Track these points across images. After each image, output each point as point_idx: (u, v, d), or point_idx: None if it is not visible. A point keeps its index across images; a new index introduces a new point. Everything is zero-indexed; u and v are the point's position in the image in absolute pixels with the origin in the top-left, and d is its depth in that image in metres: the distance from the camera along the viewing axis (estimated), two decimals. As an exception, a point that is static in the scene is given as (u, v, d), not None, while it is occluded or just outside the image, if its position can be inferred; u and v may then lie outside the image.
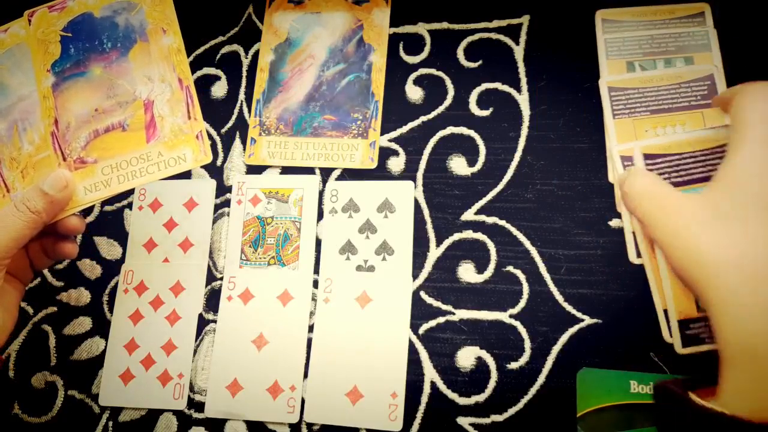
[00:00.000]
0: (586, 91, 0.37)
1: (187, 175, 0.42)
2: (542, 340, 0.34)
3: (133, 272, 0.40)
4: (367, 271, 0.38)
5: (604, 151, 0.36)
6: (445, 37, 0.41)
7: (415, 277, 0.37)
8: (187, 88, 0.34)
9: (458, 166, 0.38)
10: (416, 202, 0.38)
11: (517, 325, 0.35)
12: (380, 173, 0.39)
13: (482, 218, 0.37)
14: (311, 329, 0.37)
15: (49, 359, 0.40)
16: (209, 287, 0.40)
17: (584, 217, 0.36)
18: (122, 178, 0.33)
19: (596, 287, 0.35)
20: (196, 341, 0.38)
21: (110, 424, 0.38)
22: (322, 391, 0.36)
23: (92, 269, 0.41)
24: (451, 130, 0.39)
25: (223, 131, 0.43)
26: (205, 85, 0.44)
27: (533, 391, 0.34)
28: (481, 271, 0.36)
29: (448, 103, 0.40)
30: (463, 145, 0.39)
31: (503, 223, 0.37)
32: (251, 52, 0.44)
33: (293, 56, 0.43)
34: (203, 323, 0.39)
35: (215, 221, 0.41)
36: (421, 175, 0.39)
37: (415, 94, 0.40)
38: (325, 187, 0.40)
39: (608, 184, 0.36)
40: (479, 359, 0.35)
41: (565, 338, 0.34)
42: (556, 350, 0.34)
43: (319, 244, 0.39)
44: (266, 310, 0.38)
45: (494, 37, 0.40)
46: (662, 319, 0.31)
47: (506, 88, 0.39)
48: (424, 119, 0.40)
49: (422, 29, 0.41)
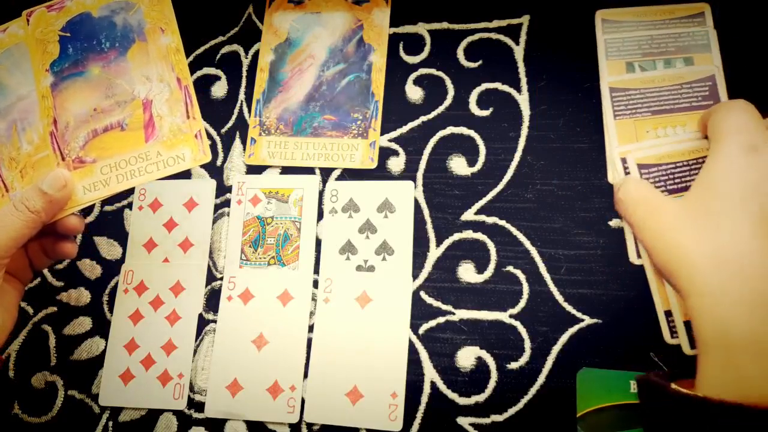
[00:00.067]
0: (586, 91, 0.37)
1: (187, 175, 0.41)
2: (542, 340, 0.34)
3: (133, 272, 0.40)
4: (367, 271, 0.37)
5: (604, 151, 0.36)
6: (445, 37, 0.40)
7: (415, 277, 0.37)
8: (185, 87, 0.33)
9: (458, 166, 0.38)
10: (416, 202, 0.38)
11: (517, 325, 0.35)
12: (380, 173, 0.39)
13: (482, 218, 0.37)
14: (311, 329, 0.37)
15: (49, 359, 0.40)
16: (209, 287, 0.39)
17: (584, 217, 0.35)
18: (121, 177, 0.33)
19: (596, 287, 0.34)
20: (196, 341, 0.38)
21: (110, 424, 0.37)
22: (322, 391, 0.35)
23: (92, 269, 0.41)
24: (451, 130, 0.39)
25: (223, 131, 0.42)
26: (205, 85, 0.43)
27: (533, 391, 0.33)
28: (481, 271, 0.36)
29: (448, 103, 0.39)
30: (463, 145, 0.38)
31: (503, 223, 0.36)
32: (251, 52, 0.43)
33: (293, 56, 0.42)
34: (203, 323, 0.38)
35: (215, 221, 0.40)
36: (421, 175, 0.38)
37: (415, 94, 0.40)
38: (325, 187, 0.39)
39: (608, 184, 0.35)
40: (479, 359, 0.34)
41: (565, 338, 0.34)
42: (556, 350, 0.34)
43: (319, 244, 0.38)
44: (266, 310, 0.37)
45: (494, 37, 0.39)
46: (663, 319, 0.31)
47: (506, 88, 0.38)
48: (424, 119, 0.39)
49: (422, 29, 0.41)
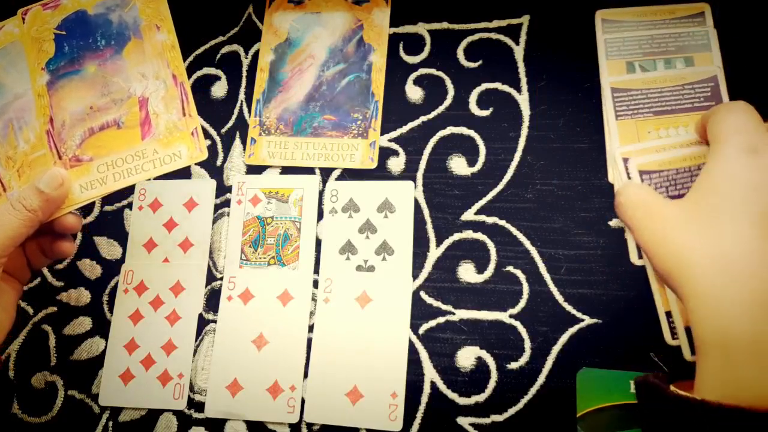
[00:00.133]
0: (586, 91, 0.36)
1: (187, 175, 0.40)
2: (542, 340, 0.33)
3: (133, 272, 0.39)
4: (367, 271, 0.36)
5: (604, 151, 0.35)
6: (445, 37, 0.39)
7: (415, 277, 0.36)
8: (181, 84, 0.32)
9: (458, 166, 0.37)
10: (416, 202, 0.37)
11: (517, 325, 0.34)
12: (380, 173, 0.38)
13: (482, 218, 0.36)
14: (311, 329, 0.36)
15: (49, 359, 0.39)
16: (209, 287, 0.38)
17: (584, 217, 0.35)
18: (118, 175, 0.32)
19: (596, 287, 0.33)
20: (196, 341, 0.37)
21: (110, 424, 0.37)
22: (322, 391, 0.34)
23: (92, 269, 0.40)
24: (451, 130, 0.38)
25: (223, 131, 0.41)
26: (205, 85, 0.42)
27: (533, 391, 0.33)
28: (481, 271, 0.35)
29: (448, 103, 0.38)
30: (463, 145, 0.37)
31: (503, 223, 0.35)
32: (251, 52, 0.42)
33: (293, 56, 0.41)
34: (203, 323, 0.37)
35: (215, 221, 0.39)
36: (421, 175, 0.37)
37: (415, 94, 0.39)
38: (325, 187, 0.38)
39: (608, 184, 0.35)
40: (479, 359, 0.34)
41: (565, 338, 0.33)
42: (556, 350, 0.33)
43: (319, 244, 0.37)
44: (266, 310, 0.36)
45: (494, 37, 0.38)
46: (664, 320, 0.30)
47: (506, 88, 0.37)
48: (424, 119, 0.38)
49: (422, 29, 0.40)
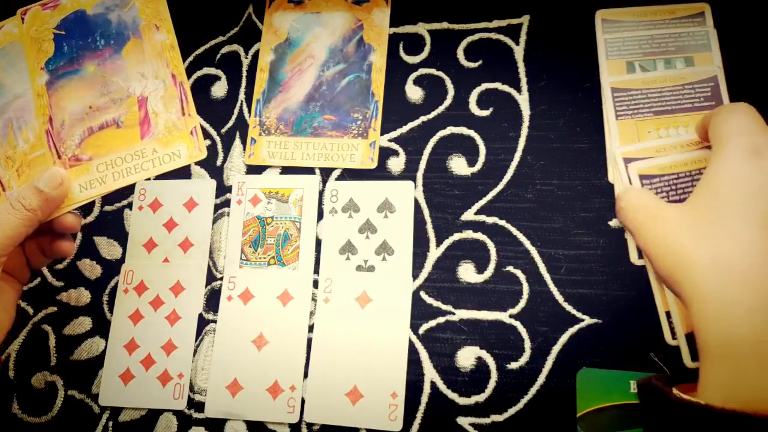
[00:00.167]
0: (586, 91, 0.36)
1: (187, 175, 0.40)
2: (542, 340, 0.33)
3: (133, 272, 0.38)
4: (367, 271, 0.36)
5: (604, 151, 0.35)
6: (445, 37, 0.39)
7: (415, 277, 0.35)
8: (180, 84, 0.32)
9: (458, 166, 0.36)
10: (416, 202, 0.36)
11: (517, 325, 0.33)
12: (380, 173, 0.37)
13: (482, 218, 0.35)
14: (311, 329, 0.35)
15: (49, 359, 0.38)
16: (209, 287, 0.37)
17: (584, 217, 0.34)
18: (117, 175, 0.32)
19: (596, 287, 0.33)
20: (196, 341, 0.37)
21: (110, 424, 0.36)
22: (322, 391, 0.34)
23: (92, 269, 0.39)
24: (451, 130, 0.37)
25: (223, 131, 0.40)
26: (205, 85, 0.42)
27: (533, 391, 0.32)
28: (481, 271, 0.35)
29: (448, 103, 0.38)
30: (463, 145, 0.37)
31: (503, 223, 0.35)
32: (251, 52, 0.41)
33: (293, 56, 0.40)
34: (203, 323, 0.37)
35: (215, 221, 0.39)
36: (421, 175, 0.37)
37: (415, 94, 0.38)
38: (325, 187, 0.38)
39: (608, 184, 0.34)
40: (479, 359, 0.33)
41: (565, 338, 0.33)
42: (556, 350, 0.33)
43: (319, 244, 0.37)
44: (266, 310, 0.36)
45: (494, 37, 0.38)
46: (664, 320, 0.30)
47: (506, 88, 0.37)
48: (424, 119, 0.38)
49: (422, 29, 0.39)
